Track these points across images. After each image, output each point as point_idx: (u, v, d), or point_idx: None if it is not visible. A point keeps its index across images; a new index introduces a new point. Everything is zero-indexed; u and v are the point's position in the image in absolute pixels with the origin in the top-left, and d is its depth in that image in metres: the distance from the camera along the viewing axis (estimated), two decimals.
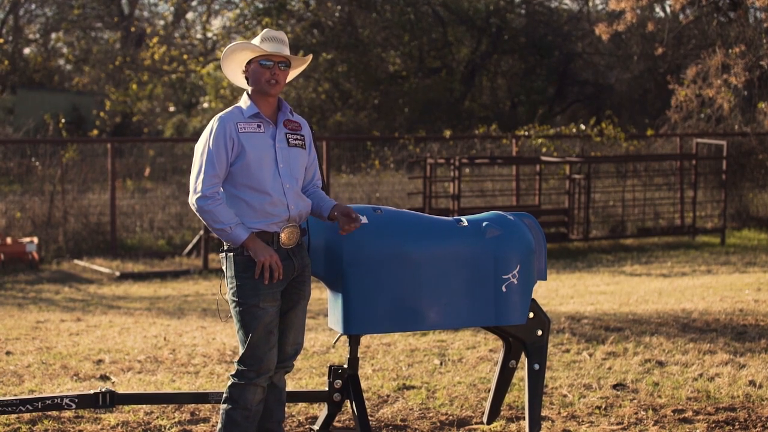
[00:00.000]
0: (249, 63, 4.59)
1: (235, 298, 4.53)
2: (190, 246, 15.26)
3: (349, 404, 5.25)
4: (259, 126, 4.56)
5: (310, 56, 4.74)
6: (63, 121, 18.41)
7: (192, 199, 4.47)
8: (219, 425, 4.62)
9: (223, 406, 4.61)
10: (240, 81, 4.68)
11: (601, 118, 21.62)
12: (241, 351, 4.56)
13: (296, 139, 4.64)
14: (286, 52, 4.58)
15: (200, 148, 4.51)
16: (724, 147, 17.05)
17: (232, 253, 4.52)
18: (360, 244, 4.86)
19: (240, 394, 4.56)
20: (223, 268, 4.59)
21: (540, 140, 18.09)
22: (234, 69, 4.66)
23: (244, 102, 4.61)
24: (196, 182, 4.47)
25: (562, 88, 31.03)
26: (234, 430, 4.57)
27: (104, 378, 6.89)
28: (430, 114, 27.83)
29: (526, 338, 5.25)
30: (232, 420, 4.57)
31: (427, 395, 6.33)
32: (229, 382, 4.60)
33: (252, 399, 4.56)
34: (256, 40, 4.59)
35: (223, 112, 4.59)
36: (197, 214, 4.51)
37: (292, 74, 4.77)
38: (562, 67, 30.41)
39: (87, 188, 16.51)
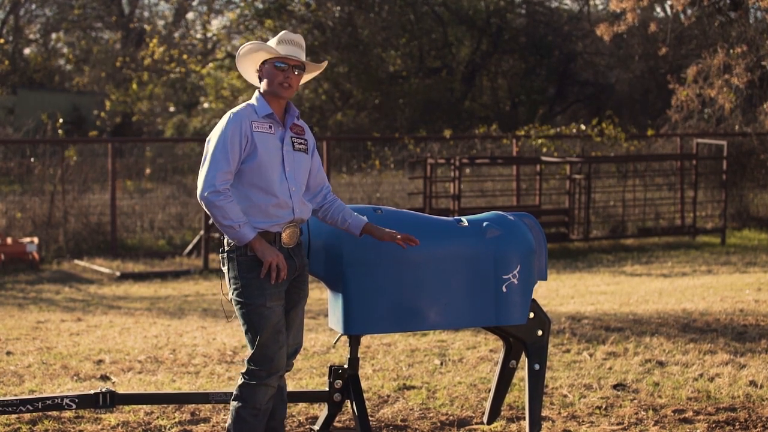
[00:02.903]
0: (264, 63, 4.58)
1: (240, 299, 4.52)
2: (190, 246, 15.26)
3: (349, 404, 5.25)
4: (270, 127, 4.55)
5: (326, 63, 4.72)
6: (61, 121, 18.44)
7: (203, 193, 4.41)
8: (228, 421, 4.64)
9: (233, 404, 4.62)
10: (253, 79, 4.67)
11: (601, 118, 21.63)
12: (250, 351, 4.56)
13: (300, 144, 4.63)
14: (302, 56, 4.57)
15: (214, 142, 4.47)
16: (725, 147, 17.05)
17: (234, 254, 4.51)
18: (360, 244, 4.86)
19: (251, 394, 4.56)
20: (224, 269, 4.58)
21: (540, 140, 18.09)
22: (248, 67, 4.64)
23: (256, 101, 4.59)
24: (208, 176, 4.41)
25: (563, 88, 31.04)
26: (243, 428, 4.58)
27: (104, 378, 6.89)
28: (431, 114, 27.84)
29: (526, 338, 5.25)
30: (242, 418, 4.58)
31: (428, 395, 6.33)
32: (240, 381, 4.60)
33: (262, 399, 4.57)
34: (273, 41, 4.58)
35: (236, 108, 4.56)
36: (205, 208, 4.48)
37: (305, 78, 4.76)
38: (563, 67, 30.41)
39: (87, 188, 16.51)
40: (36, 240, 14.37)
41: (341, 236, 4.84)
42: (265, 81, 4.57)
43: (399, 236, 4.74)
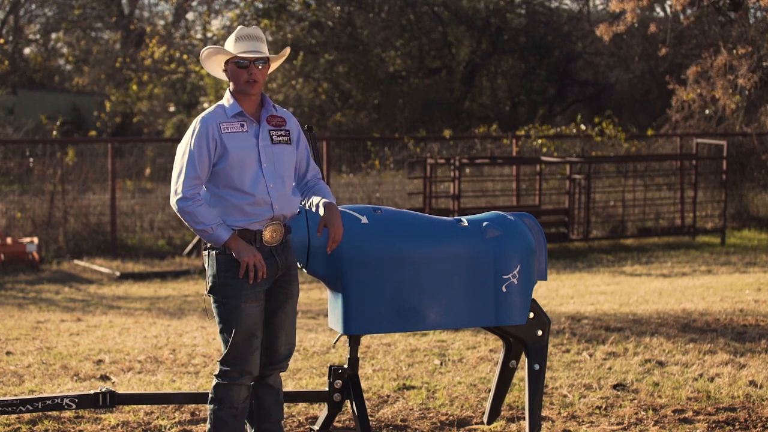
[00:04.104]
0: (227, 63, 4.56)
1: (217, 298, 4.53)
2: (190, 246, 15.26)
3: (349, 404, 5.25)
4: (242, 125, 4.53)
5: (287, 49, 4.69)
6: (58, 123, 18.49)
7: (173, 201, 4.46)
8: (208, 426, 4.61)
9: (209, 407, 4.60)
10: (224, 77, 4.65)
11: (601, 118, 21.62)
12: (223, 351, 4.55)
13: (280, 136, 4.59)
14: (262, 48, 4.52)
15: (182, 148, 4.50)
16: (725, 147, 17.06)
17: (214, 252, 4.51)
18: (360, 245, 4.86)
19: (225, 394, 4.55)
20: (206, 266, 4.58)
21: (540, 140, 18.09)
22: (215, 69, 4.64)
23: (226, 100, 4.57)
24: (176, 183, 4.45)
25: (563, 88, 31.03)
26: (223, 430, 4.57)
27: (104, 378, 6.89)
28: (430, 114, 27.83)
29: (526, 338, 5.24)
30: (220, 420, 4.56)
31: (428, 395, 6.33)
32: (213, 383, 4.60)
33: (237, 397, 4.56)
34: (230, 39, 4.55)
35: (206, 111, 4.56)
36: (178, 215, 4.51)
37: (273, 66, 4.70)
38: (563, 67, 30.40)
39: (87, 188, 16.51)
40: (36, 240, 14.36)
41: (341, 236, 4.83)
42: (231, 80, 4.55)
43: (332, 236, 4.60)
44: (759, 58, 16.17)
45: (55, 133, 18.38)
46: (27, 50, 35.84)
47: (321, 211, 4.64)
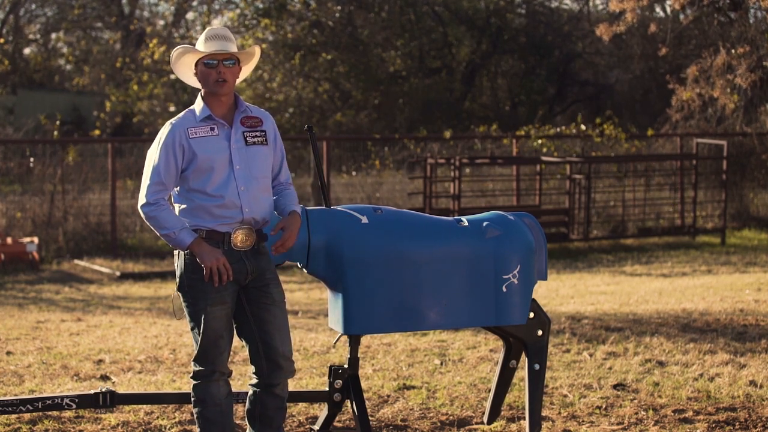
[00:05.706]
0: (196, 65, 4.53)
1: (185, 299, 4.55)
2: None
3: (349, 404, 5.25)
4: (212, 129, 4.49)
5: (257, 48, 4.64)
6: (58, 123, 18.48)
7: (138, 206, 4.48)
8: (197, 430, 4.60)
9: (195, 410, 4.59)
10: (195, 83, 4.61)
11: (601, 118, 21.63)
12: (195, 349, 4.57)
13: (255, 137, 4.54)
14: (232, 48, 4.49)
15: (150, 155, 4.49)
16: (725, 147, 17.06)
17: (183, 253, 4.51)
18: (360, 244, 4.86)
19: (205, 393, 4.56)
20: (175, 265, 4.60)
21: (540, 140, 18.09)
22: (185, 73, 4.60)
23: (197, 105, 4.55)
24: (142, 190, 4.47)
25: (563, 88, 31.03)
26: (212, 429, 4.56)
27: (104, 378, 6.90)
28: (430, 114, 27.84)
29: (526, 338, 5.24)
30: (207, 419, 4.56)
31: (428, 395, 6.33)
32: (191, 384, 4.60)
33: (218, 394, 4.56)
34: (200, 41, 4.53)
35: (176, 117, 4.54)
36: (145, 221, 4.51)
37: (246, 70, 4.68)
38: (563, 67, 30.40)
39: (87, 188, 16.51)
40: (36, 240, 14.36)
41: (341, 236, 4.84)
42: (201, 82, 4.52)
43: (283, 239, 4.56)
44: (759, 57, 16.18)
45: (56, 133, 18.38)
46: (27, 50, 35.84)
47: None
